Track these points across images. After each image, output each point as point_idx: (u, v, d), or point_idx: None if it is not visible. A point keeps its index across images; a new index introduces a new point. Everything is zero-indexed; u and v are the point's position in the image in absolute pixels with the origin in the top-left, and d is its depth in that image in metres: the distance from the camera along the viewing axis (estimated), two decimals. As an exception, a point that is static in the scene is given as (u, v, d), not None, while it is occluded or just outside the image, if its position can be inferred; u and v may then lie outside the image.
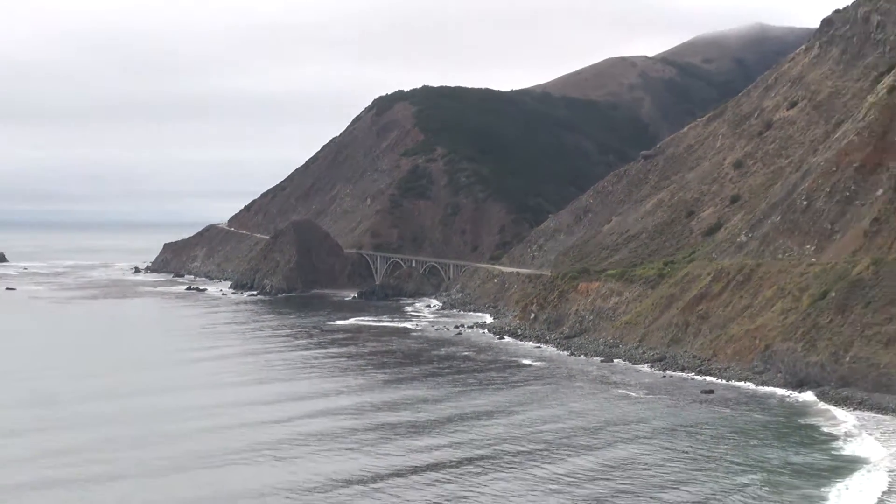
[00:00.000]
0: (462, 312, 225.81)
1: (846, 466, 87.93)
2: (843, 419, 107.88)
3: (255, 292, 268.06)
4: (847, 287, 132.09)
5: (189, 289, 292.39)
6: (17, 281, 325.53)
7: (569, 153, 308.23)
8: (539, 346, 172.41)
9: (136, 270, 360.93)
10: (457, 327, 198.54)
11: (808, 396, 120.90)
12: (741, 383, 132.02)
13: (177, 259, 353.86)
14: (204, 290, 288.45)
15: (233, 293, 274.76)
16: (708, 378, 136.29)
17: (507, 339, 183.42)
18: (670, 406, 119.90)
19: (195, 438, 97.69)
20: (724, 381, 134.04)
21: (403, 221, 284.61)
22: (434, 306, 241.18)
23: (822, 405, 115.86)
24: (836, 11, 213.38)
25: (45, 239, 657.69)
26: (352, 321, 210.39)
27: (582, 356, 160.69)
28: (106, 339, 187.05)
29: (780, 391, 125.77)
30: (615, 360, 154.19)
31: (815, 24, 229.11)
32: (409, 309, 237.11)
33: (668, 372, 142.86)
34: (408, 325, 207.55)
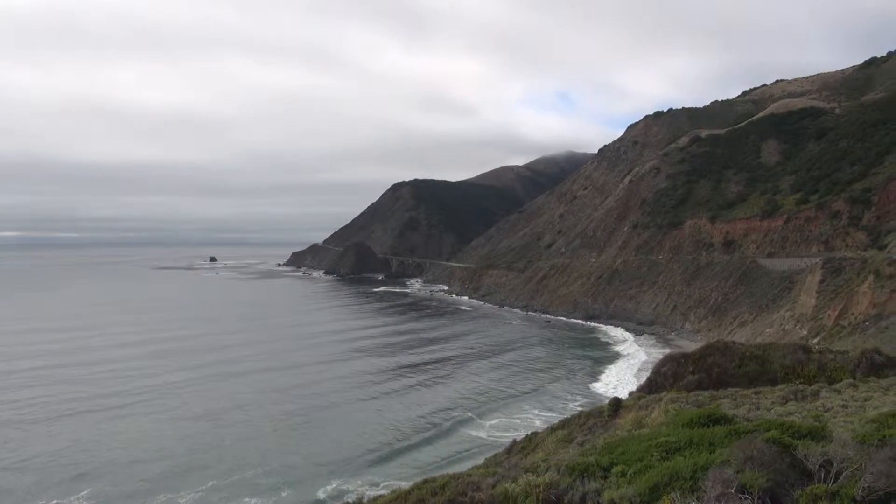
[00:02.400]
0: (433, 285, 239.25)
1: (617, 356, 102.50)
2: (614, 333, 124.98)
3: (335, 275, 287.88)
4: (611, 272, 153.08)
5: (303, 273, 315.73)
6: (221, 271, 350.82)
7: (483, 210, 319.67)
8: (469, 300, 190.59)
9: (278, 265, 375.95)
10: (430, 291, 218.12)
11: (594, 323, 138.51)
12: (563, 318, 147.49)
13: (298, 259, 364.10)
14: (311, 274, 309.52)
15: (325, 275, 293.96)
16: (547, 315, 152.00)
17: (454, 296, 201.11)
18: (532, 329, 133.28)
19: (318, 347, 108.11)
20: (555, 317, 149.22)
21: (405, 242, 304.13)
22: (420, 282, 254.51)
23: (602, 327, 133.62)
24: (605, 145, 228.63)
25: (235, 250, 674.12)
26: (381, 288, 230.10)
27: (489, 304, 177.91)
28: (265, 298, 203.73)
29: (581, 321, 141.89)
30: (504, 307, 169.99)
31: (595, 151, 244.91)
32: (408, 283, 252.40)
33: (529, 312, 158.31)
34: (407, 290, 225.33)
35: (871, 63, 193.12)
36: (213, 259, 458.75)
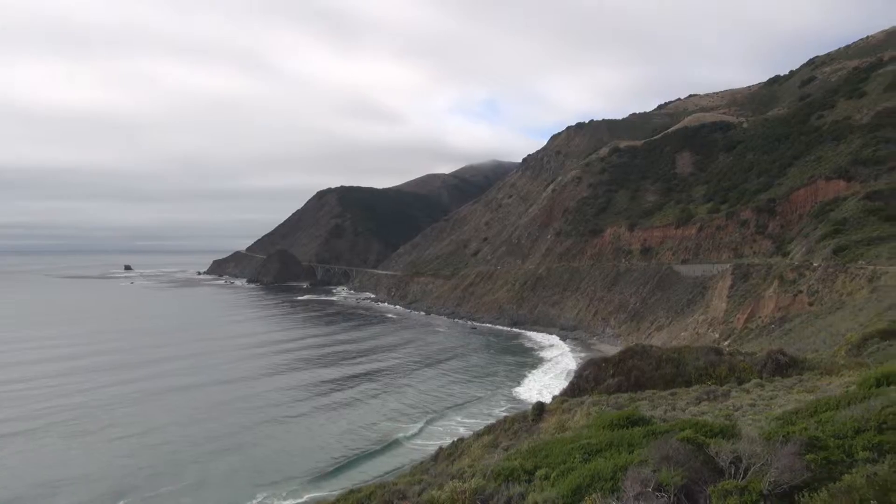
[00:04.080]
0: (359, 293, 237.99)
1: (541, 361, 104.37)
2: (538, 339, 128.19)
3: (258, 283, 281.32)
4: (535, 279, 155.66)
5: (225, 282, 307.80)
6: (136, 280, 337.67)
7: (410, 217, 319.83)
8: (396, 307, 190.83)
9: (199, 273, 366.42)
10: (357, 299, 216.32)
11: (519, 329, 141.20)
12: (488, 324, 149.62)
13: (219, 267, 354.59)
14: (233, 283, 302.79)
15: (248, 284, 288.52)
16: (473, 322, 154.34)
17: (381, 304, 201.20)
18: (459, 337, 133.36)
19: (244, 361, 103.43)
20: (481, 324, 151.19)
21: (331, 249, 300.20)
22: (346, 290, 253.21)
23: (526, 333, 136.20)
24: (529, 155, 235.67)
25: (153, 258, 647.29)
26: (306, 297, 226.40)
27: (415, 312, 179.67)
28: (186, 308, 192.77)
29: (506, 328, 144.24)
30: (431, 314, 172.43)
31: (520, 160, 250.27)
32: (333, 291, 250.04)
33: (455, 319, 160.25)
34: (333, 298, 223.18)
35: (775, 81, 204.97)
36: (128, 267, 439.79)
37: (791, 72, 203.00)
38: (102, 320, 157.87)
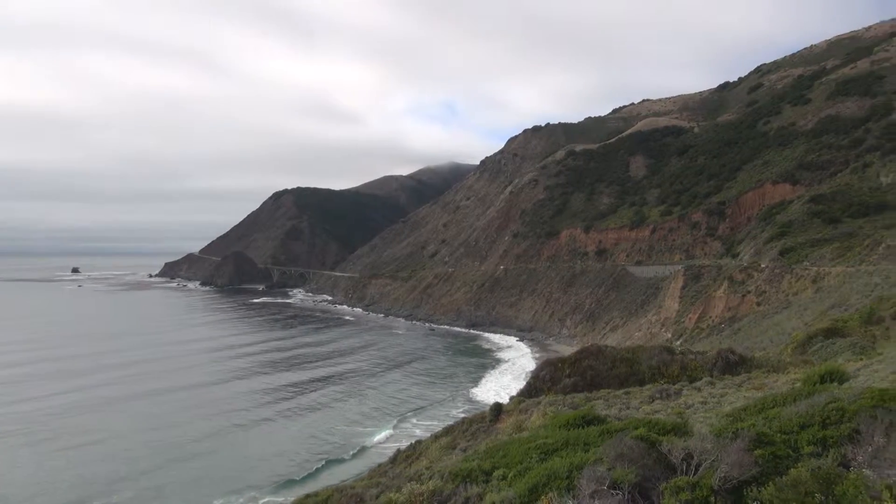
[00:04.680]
0: (316, 295, 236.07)
1: (498, 362, 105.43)
2: (495, 340, 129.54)
3: (212, 286, 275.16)
4: (493, 280, 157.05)
5: (178, 285, 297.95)
6: (84, 282, 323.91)
7: (368, 220, 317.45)
8: (354, 309, 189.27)
9: (150, 276, 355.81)
10: (314, 302, 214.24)
11: (477, 331, 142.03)
12: (446, 326, 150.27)
13: (172, 270, 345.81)
14: (186, 285, 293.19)
15: (201, 287, 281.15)
16: (431, 324, 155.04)
17: (338, 306, 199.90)
18: (417, 340, 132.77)
19: (200, 367, 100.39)
20: (439, 325, 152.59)
21: (288, 251, 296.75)
22: (302, 292, 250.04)
23: (484, 335, 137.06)
24: (487, 157, 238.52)
25: (102, 260, 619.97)
26: (262, 299, 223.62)
27: (374, 314, 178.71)
28: (138, 312, 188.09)
29: (463, 330, 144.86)
30: (389, 316, 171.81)
31: (478, 162, 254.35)
32: (290, 293, 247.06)
33: (413, 322, 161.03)
34: (290, 301, 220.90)
35: (725, 87, 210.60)
36: (75, 270, 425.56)
37: (740, 78, 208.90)
38: (50, 325, 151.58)
